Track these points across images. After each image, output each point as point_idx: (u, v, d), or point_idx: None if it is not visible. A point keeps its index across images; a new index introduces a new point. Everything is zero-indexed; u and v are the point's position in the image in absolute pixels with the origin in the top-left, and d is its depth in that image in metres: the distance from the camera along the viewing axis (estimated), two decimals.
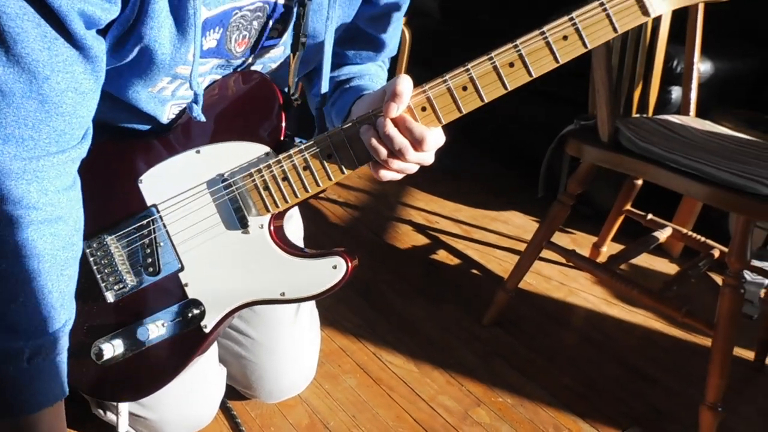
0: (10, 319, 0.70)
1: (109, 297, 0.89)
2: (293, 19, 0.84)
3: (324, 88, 0.90)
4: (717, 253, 1.57)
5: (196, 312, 0.88)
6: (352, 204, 2.14)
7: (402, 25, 1.00)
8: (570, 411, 1.33)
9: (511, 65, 0.74)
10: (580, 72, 1.49)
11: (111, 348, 0.88)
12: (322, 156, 0.81)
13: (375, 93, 0.84)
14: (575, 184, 1.40)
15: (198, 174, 0.85)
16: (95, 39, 0.69)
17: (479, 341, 1.52)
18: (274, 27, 0.85)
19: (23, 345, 0.71)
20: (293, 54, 0.86)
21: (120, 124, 0.90)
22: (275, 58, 0.90)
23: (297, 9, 0.83)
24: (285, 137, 0.84)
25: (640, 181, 1.68)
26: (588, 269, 1.48)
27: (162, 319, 0.89)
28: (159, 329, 0.88)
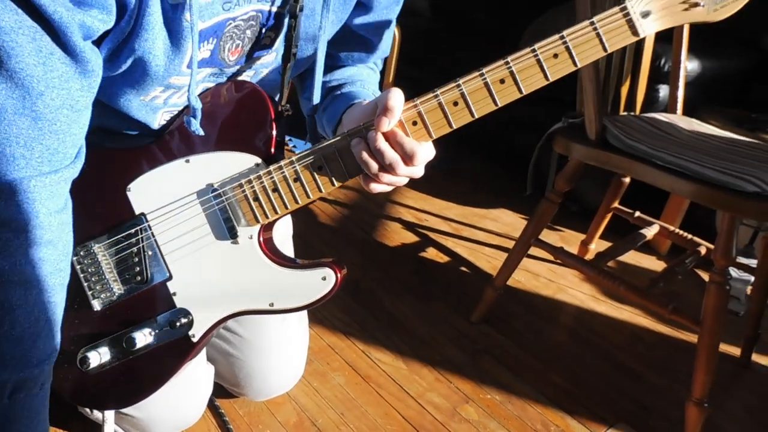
0: None
1: (96, 305, 0.88)
2: (285, 28, 0.84)
3: (316, 99, 0.90)
4: (704, 250, 1.58)
5: (184, 321, 0.88)
6: (341, 202, 2.14)
7: (394, 27, 1.00)
8: (558, 407, 1.34)
9: (502, 81, 0.75)
10: None
11: (97, 356, 0.88)
12: (312, 168, 0.81)
13: (367, 105, 0.84)
14: (563, 181, 1.41)
15: (187, 183, 0.85)
16: (93, 52, 0.68)
17: (468, 338, 1.52)
18: (266, 35, 0.84)
19: (6, 378, 0.68)
20: (285, 65, 0.86)
21: (109, 129, 0.89)
22: (267, 64, 0.89)
23: (289, 20, 0.83)
24: (276, 149, 0.83)
25: (627, 179, 1.69)
26: (576, 266, 1.48)
27: (149, 328, 0.88)
28: (146, 338, 0.88)
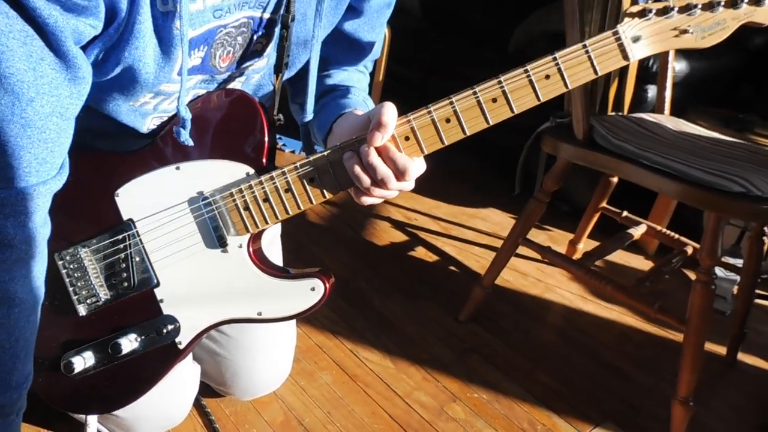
0: None
1: (81, 310, 0.87)
2: (276, 36, 0.83)
3: (309, 109, 0.89)
4: (690, 250, 1.59)
5: (170, 328, 0.87)
6: (331, 201, 2.14)
7: (385, 30, 1.00)
8: (544, 406, 1.34)
9: (494, 101, 0.76)
10: None
11: (81, 361, 0.87)
12: (304, 179, 0.80)
13: (359, 117, 0.83)
14: (551, 181, 1.41)
15: (177, 191, 0.84)
16: (83, 59, 0.67)
17: (456, 337, 1.52)
18: (258, 41, 0.84)
19: None
20: (277, 75, 0.86)
21: (98, 130, 0.88)
22: (258, 69, 0.89)
23: (280, 30, 0.83)
24: (267, 158, 0.83)
25: (615, 179, 1.69)
26: (563, 266, 1.49)
27: (135, 334, 0.87)
28: (132, 344, 0.87)
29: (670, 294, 1.83)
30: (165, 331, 0.87)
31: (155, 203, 0.85)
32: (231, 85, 0.89)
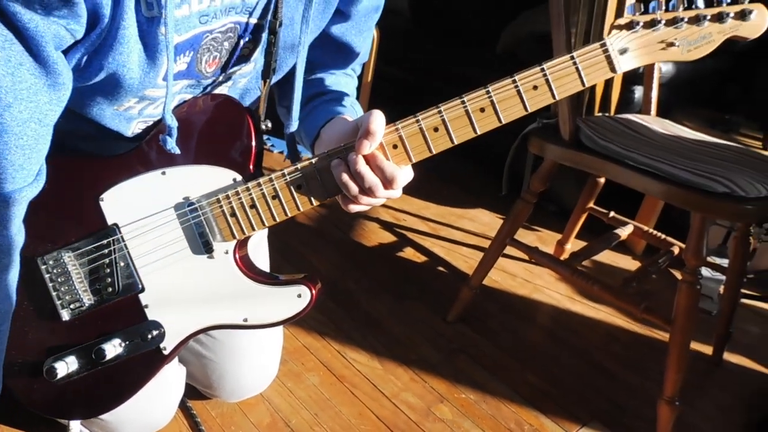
0: None
1: (65, 315, 0.87)
2: (264, 41, 0.83)
3: (294, 122, 0.89)
4: (677, 250, 1.60)
5: (155, 333, 0.87)
6: None
7: (372, 33, 1.00)
8: (532, 407, 1.34)
9: (482, 110, 0.76)
10: None
11: (64, 366, 0.86)
12: (291, 186, 0.80)
13: (347, 124, 0.83)
14: (538, 182, 1.42)
15: (163, 196, 0.84)
16: (64, 64, 0.66)
17: (444, 338, 1.52)
18: (245, 47, 0.83)
19: None
20: (264, 81, 0.86)
21: (80, 135, 0.87)
22: (246, 74, 0.88)
23: (268, 36, 0.82)
24: (254, 164, 0.82)
25: (602, 180, 1.70)
26: (550, 266, 1.49)
27: (119, 340, 0.87)
28: (116, 349, 0.87)
29: (657, 294, 1.84)
30: (149, 337, 0.87)
31: (141, 208, 0.84)
32: (218, 90, 0.88)
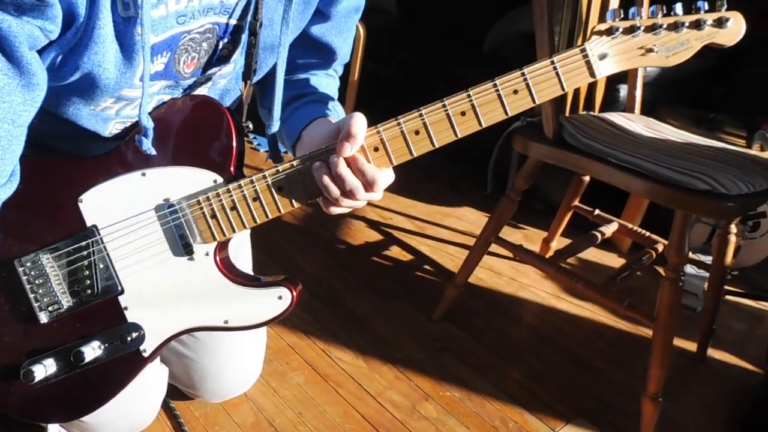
0: None
1: (43, 317, 0.85)
2: (244, 44, 0.82)
3: (275, 123, 0.88)
4: (661, 248, 1.61)
5: (135, 335, 0.86)
6: None
7: (354, 33, 0.99)
8: (516, 404, 1.35)
9: (463, 114, 0.76)
10: None
11: (42, 369, 0.84)
12: (272, 188, 0.80)
13: (329, 126, 0.83)
14: (522, 180, 1.42)
15: (143, 197, 0.83)
16: (38, 65, 0.65)
17: (429, 336, 1.52)
18: (224, 47, 0.83)
19: None
20: (245, 82, 0.85)
21: (58, 136, 0.86)
22: (225, 75, 0.88)
23: (248, 37, 0.82)
24: (235, 166, 0.82)
25: (587, 178, 1.71)
26: (534, 264, 1.49)
27: (98, 342, 0.85)
28: (95, 351, 0.85)
29: (642, 291, 1.85)
30: (129, 339, 0.86)
31: (120, 209, 0.83)
32: (197, 91, 0.88)
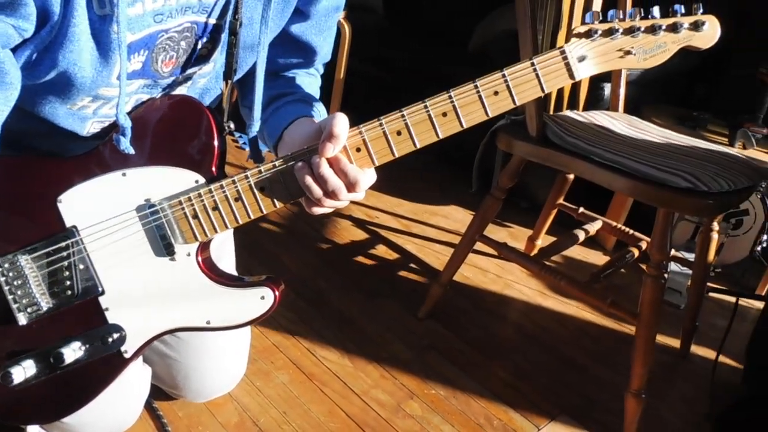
0: None
1: (21, 319, 0.84)
2: (224, 41, 0.82)
3: (255, 124, 0.88)
4: (645, 245, 1.62)
5: (116, 337, 0.85)
6: None
7: (335, 32, 0.99)
8: (501, 401, 1.35)
9: (444, 115, 0.76)
10: None
11: (21, 371, 0.83)
12: (255, 189, 0.79)
13: (311, 126, 0.83)
14: (506, 178, 1.42)
15: (123, 197, 0.82)
16: (12, 63, 0.65)
17: (415, 335, 1.52)
18: (203, 46, 0.82)
19: None
20: (226, 82, 0.85)
21: (35, 134, 0.85)
22: (205, 74, 0.87)
23: (229, 37, 0.81)
24: (217, 166, 0.81)
25: (572, 176, 1.71)
26: (518, 262, 1.50)
27: (79, 343, 0.84)
28: (75, 353, 0.84)
29: (626, 288, 1.86)
30: (110, 341, 0.85)
31: (100, 210, 0.82)
32: (177, 90, 0.87)
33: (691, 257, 1.73)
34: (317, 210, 0.81)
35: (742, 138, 1.84)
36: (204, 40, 0.81)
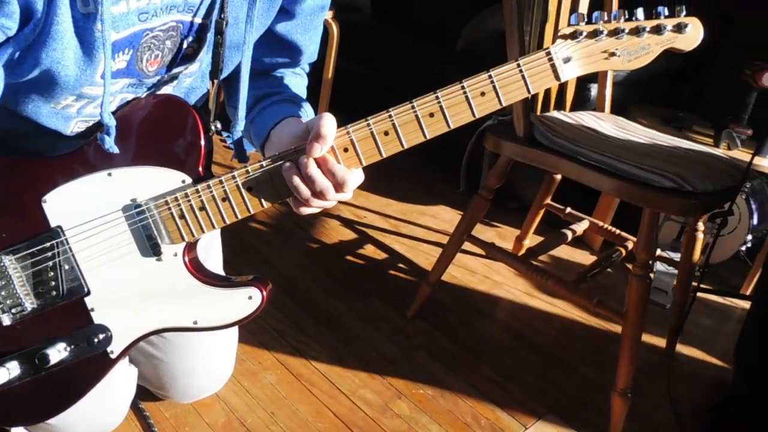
0: None
1: (5, 320, 0.83)
2: (210, 41, 0.81)
3: (240, 124, 0.87)
4: (631, 245, 1.63)
5: (102, 337, 0.84)
6: None
7: (321, 32, 0.99)
8: (489, 401, 1.36)
9: (431, 115, 0.77)
10: None
11: (5, 372, 0.82)
12: (242, 189, 0.79)
13: (298, 126, 0.83)
14: (494, 178, 1.43)
15: (109, 197, 0.81)
16: None
17: (403, 334, 1.53)
18: (189, 45, 0.82)
19: None
20: (212, 82, 0.84)
21: (19, 134, 0.84)
22: (191, 73, 0.87)
23: (215, 36, 0.81)
24: (204, 167, 0.81)
25: (559, 176, 1.72)
26: (506, 261, 1.51)
27: (64, 344, 0.84)
28: (60, 354, 0.83)
29: (613, 288, 1.87)
30: (96, 341, 0.84)
31: (86, 210, 0.82)
32: (162, 89, 0.87)
33: (677, 257, 1.74)
34: (305, 210, 0.81)
35: (726, 139, 1.86)
36: (190, 39, 0.81)
